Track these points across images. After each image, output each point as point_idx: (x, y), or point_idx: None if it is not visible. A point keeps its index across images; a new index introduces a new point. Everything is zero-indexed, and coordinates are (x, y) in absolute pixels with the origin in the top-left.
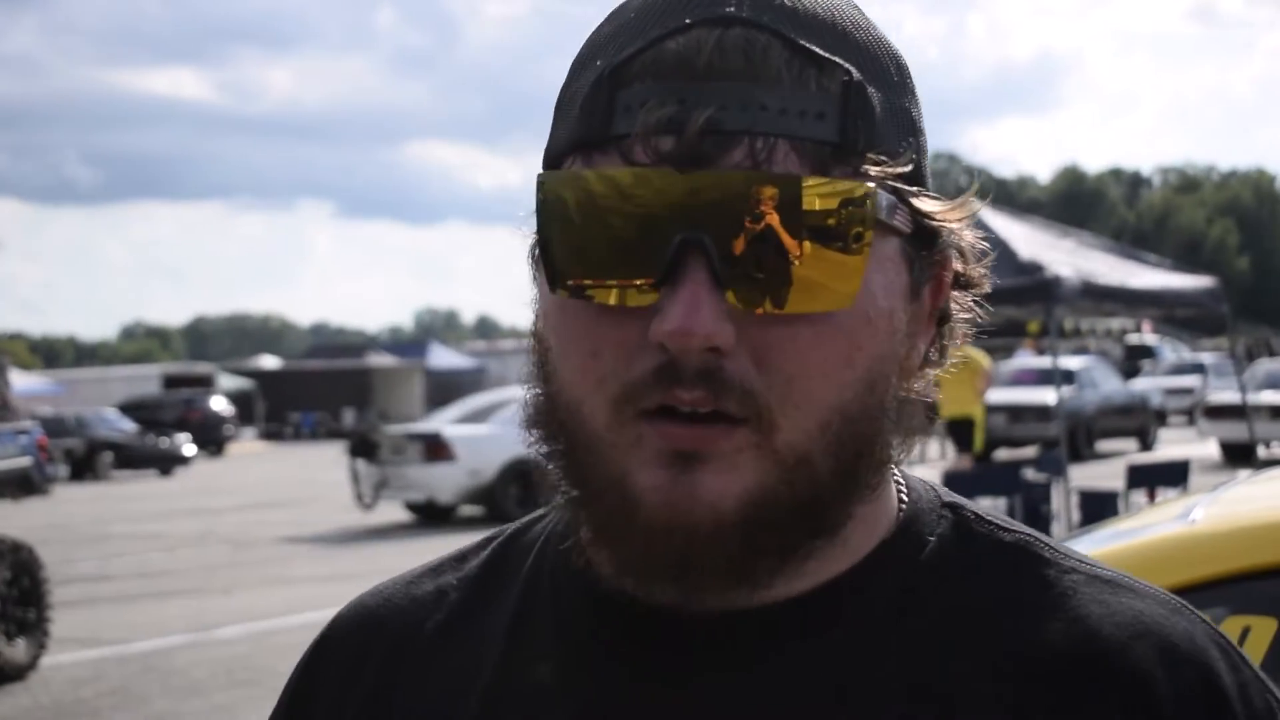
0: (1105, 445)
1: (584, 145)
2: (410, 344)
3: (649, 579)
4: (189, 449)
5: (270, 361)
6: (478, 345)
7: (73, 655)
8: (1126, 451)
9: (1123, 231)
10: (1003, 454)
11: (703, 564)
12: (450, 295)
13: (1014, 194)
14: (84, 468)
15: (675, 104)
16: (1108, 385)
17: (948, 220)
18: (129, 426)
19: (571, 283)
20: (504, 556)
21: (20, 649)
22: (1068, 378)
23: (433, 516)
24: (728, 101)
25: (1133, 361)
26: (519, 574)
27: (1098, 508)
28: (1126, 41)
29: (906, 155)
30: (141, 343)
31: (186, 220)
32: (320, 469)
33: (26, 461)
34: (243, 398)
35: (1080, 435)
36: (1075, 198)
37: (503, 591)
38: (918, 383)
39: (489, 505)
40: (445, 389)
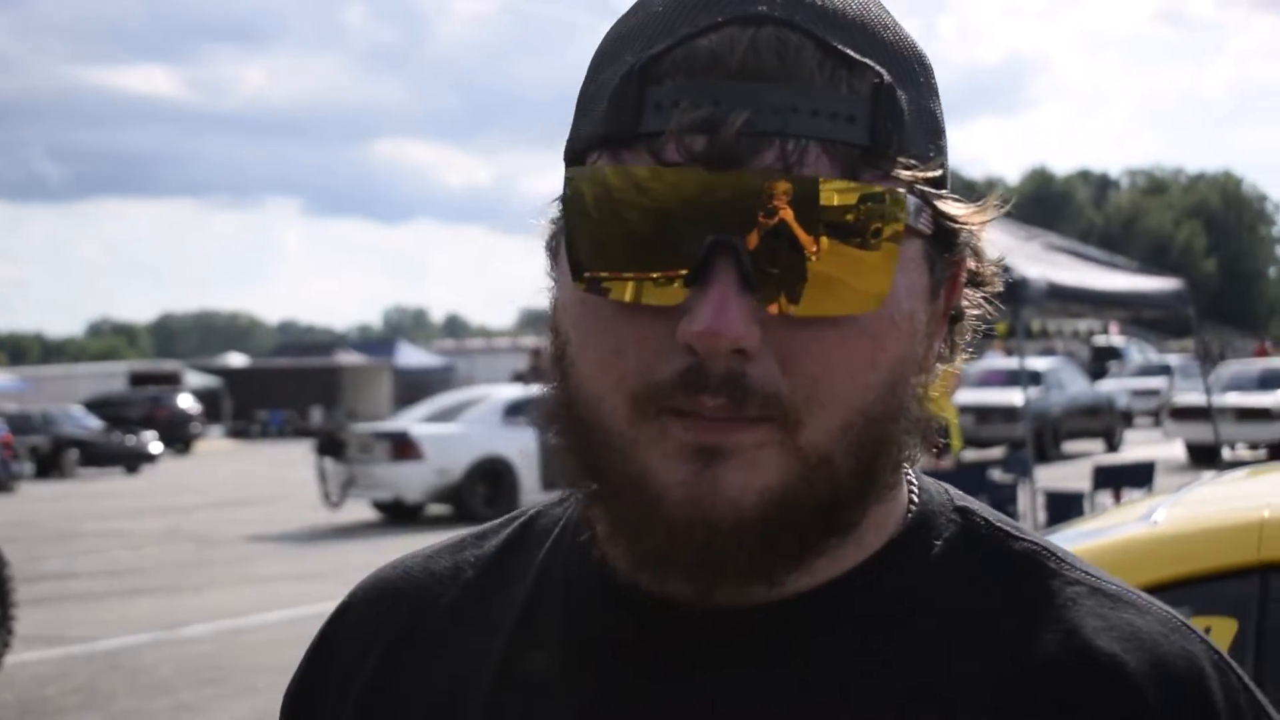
0: (1071, 446)
1: (611, 141)
2: (378, 342)
3: (668, 573)
4: (156, 447)
5: (238, 359)
6: (446, 344)
7: (38, 653)
8: (1093, 452)
9: (1090, 233)
10: (970, 455)
11: (722, 559)
12: (419, 294)
13: (983, 195)
14: (49, 465)
15: (710, 104)
16: (1074, 386)
17: (971, 223)
18: (95, 424)
19: (596, 277)
20: (520, 540)
21: None
22: (1034, 379)
23: (400, 515)
24: (761, 103)
25: (1100, 363)
26: (533, 560)
27: (1064, 508)
28: (1095, 44)
29: (936, 161)
30: (108, 340)
31: (156, 217)
32: (288, 467)
33: None
34: (210, 395)
35: (1047, 436)
36: (1044, 199)
37: (515, 577)
38: (929, 380)
39: (456, 504)
40: (413, 388)
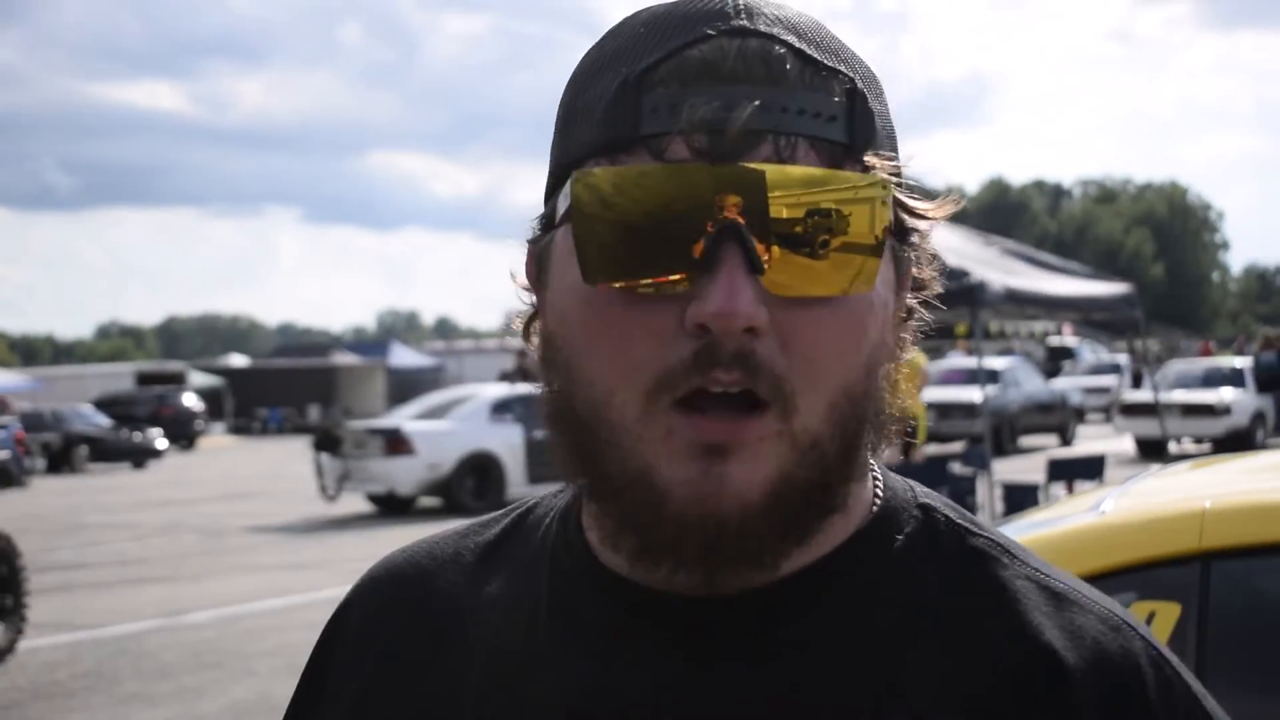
0: (1027, 441)
1: (610, 147)
2: (372, 344)
3: (674, 566)
4: (161, 443)
5: (239, 360)
6: (437, 345)
7: (49, 639)
8: (1047, 447)
9: (1045, 240)
10: (931, 449)
11: (728, 552)
12: (411, 298)
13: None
14: (60, 461)
15: (719, 103)
16: (1030, 384)
17: (933, 216)
18: (104, 421)
19: (606, 274)
20: (518, 529)
21: None
22: (992, 377)
23: (393, 508)
24: (760, 103)
25: (1054, 362)
26: (529, 548)
27: (1020, 499)
28: (1050, 61)
29: (899, 156)
30: (116, 342)
31: (160, 225)
32: (286, 462)
33: (5, 455)
34: (213, 394)
35: (1004, 431)
36: (1001, 208)
37: (511, 563)
38: (895, 375)
39: (446, 497)
40: (405, 387)
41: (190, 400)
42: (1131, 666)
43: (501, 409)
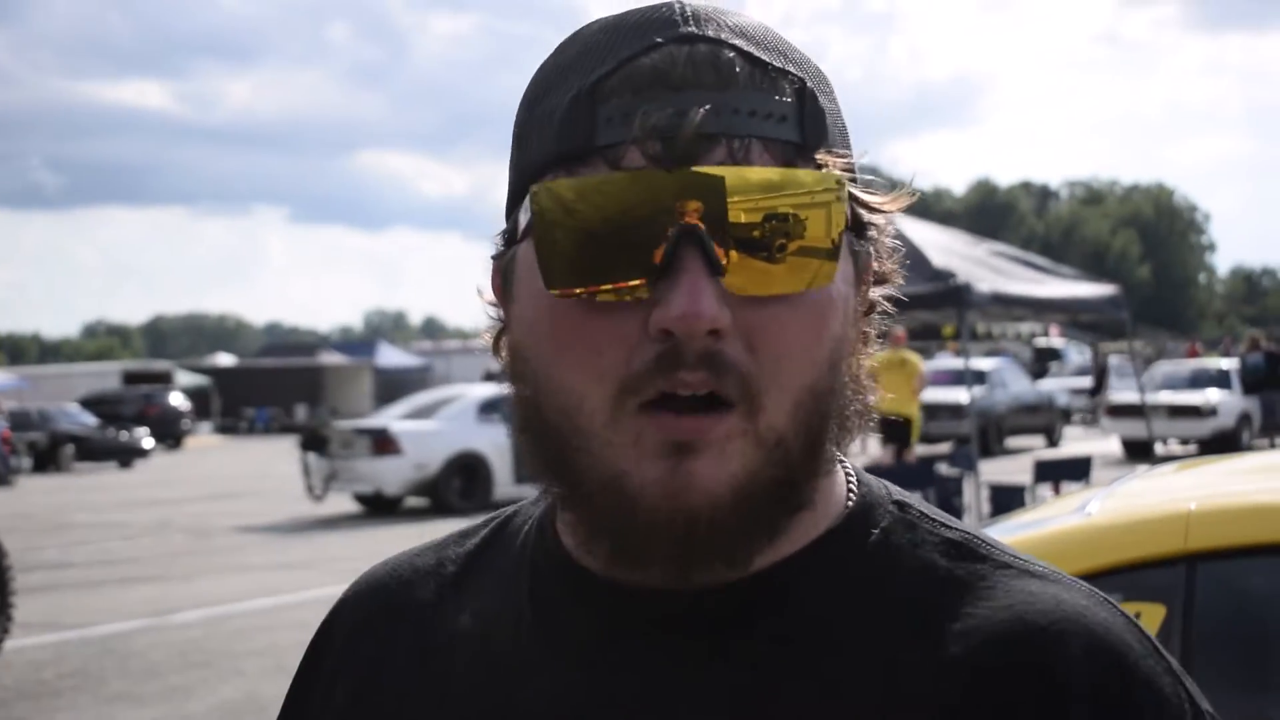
0: (1014, 442)
1: (567, 158)
2: (360, 343)
3: (647, 565)
4: (148, 442)
5: (226, 359)
6: (424, 345)
7: (35, 639)
8: (1034, 448)
9: (1032, 241)
10: (919, 449)
11: (701, 547)
12: (398, 297)
13: (931, 205)
14: (47, 460)
15: (670, 110)
16: (1017, 385)
17: (888, 210)
18: (90, 420)
19: (570, 285)
20: (497, 537)
21: None
22: (979, 378)
23: (380, 508)
24: (710, 107)
25: (1041, 363)
26: (508, 555)
27: (1007, 500)
28: (1037, 63)
29: (852, 152)
30: (103, 341)
31: (148, 224)
32: (273, 462)
33: None
34: (200, 394)
35: (991, 432)
36: (988, 209)
37: (491, 570)
38: (860, 371)
39: (433, 497)
40: (393, 387)
41: (177, 400)
42: (1117, 638)
43: (489, 409)
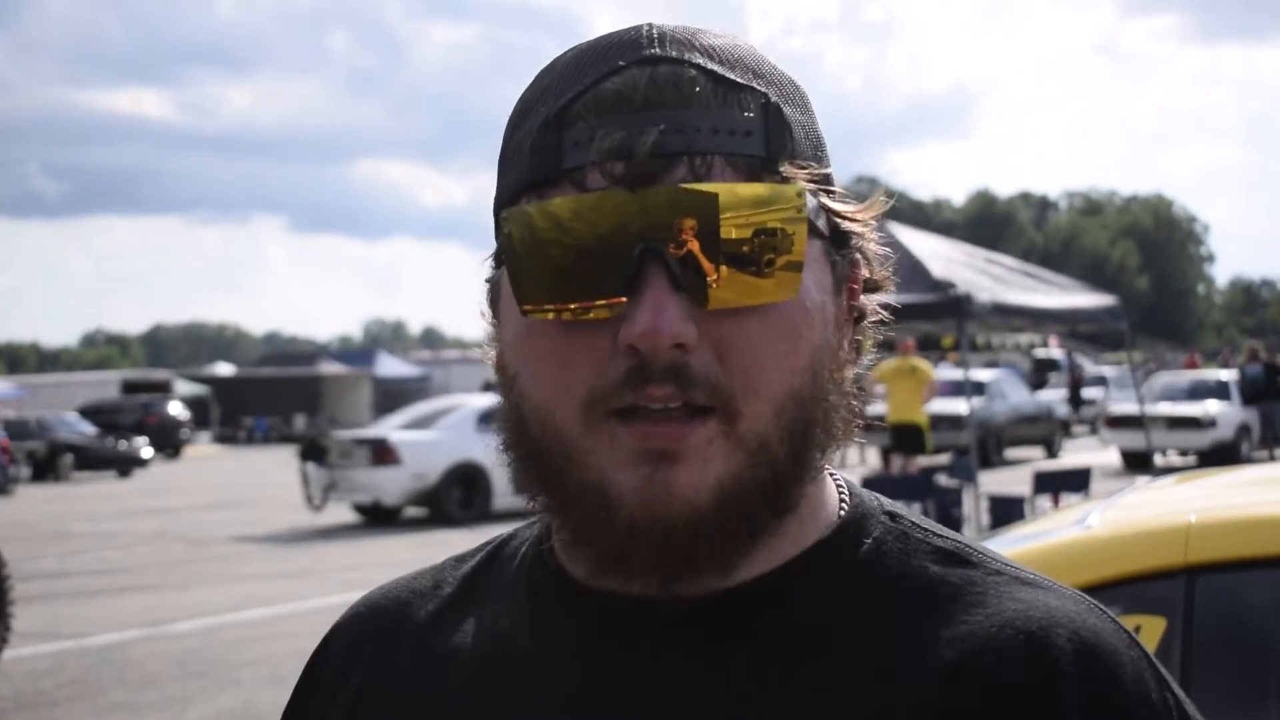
0: (1013, 453)
1: (536, 184)
2: (359, 353)
3: (630, 573)
4: (147, 452)
5: (225, 369)
6: (423, 355)
7: (33, 648)
8: (1033, 459)
9: (1031, 252)
10: (919, 460)
11: (682, 555)
12: (397, 307)
13: (930, 216)
14: (45, 469)
15: (623, 132)
16: (1016, 396)
17: (859, 219)
18: (89, 429)
19: (541, 305)
20: (496, 557)
21: None
22: (978, 389)
23: (379, 518)
24: (668, 126)
25: (1040, 374)
26: (506, 573)
27: (1006, 512)
28: (1036, 73)
29: (823, 163)
30: (102, 350)
31: (146, 233)
32: (272, 471)
33: None
34: (199, 403)
35: (990, 443)
36: (987, 220)
37: (490, 589)
38: (846, 377)
39: (433, 507)
40: (392, 396)
41: (176, 409)
42: (1108, 645)
43: (488, 419)
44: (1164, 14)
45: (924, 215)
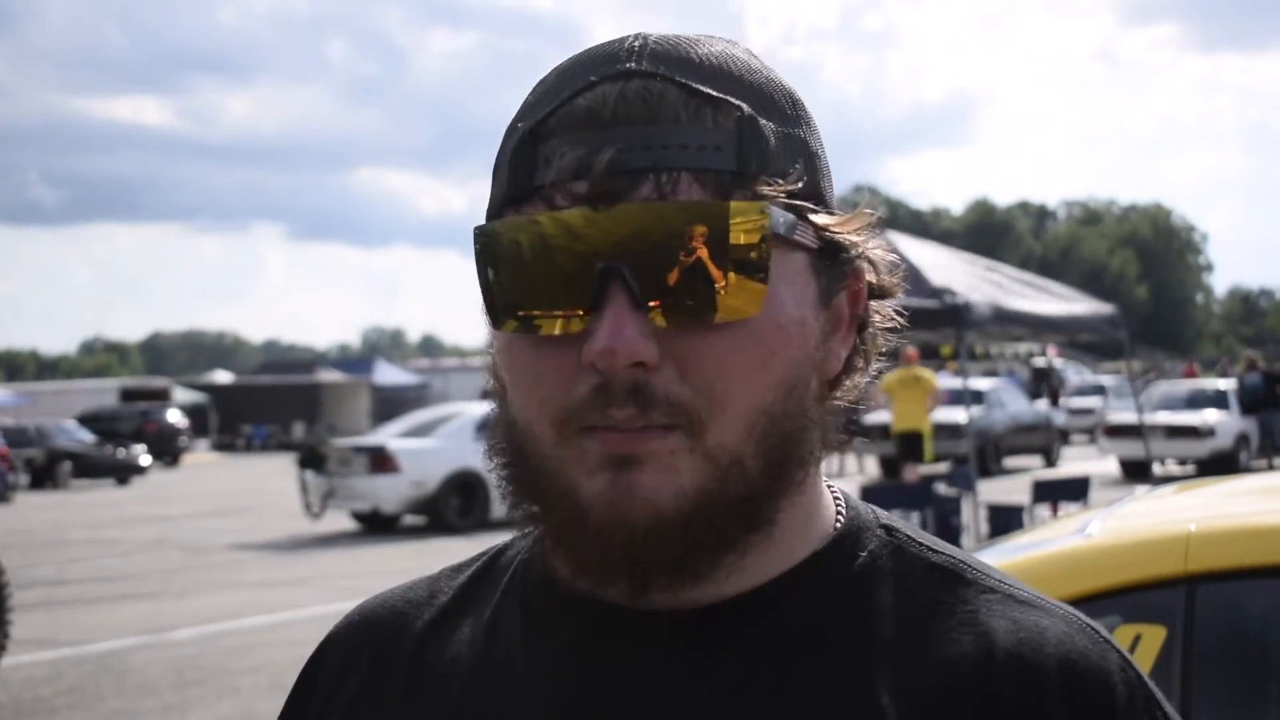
0: (1012, 462)
1: (514, 199)
2: (357, 361)
3: (602, 579)
4: (145, 459)
5: (224, 376)
6: (422, 363)
7: (32, 656)
8: (1032, 468)
9: (1030, 261)
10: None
11: (647, 560)
12: (396, 315)
13: (929, 225)
14: (44, 476)
15: (582, 150)
16: (1015, 405)
17: (843, 232)
18: (88, 437)
19: (511, 320)
20: (491, 567)
21: None
22: (977, 398)
23: (377, 526)
24: (632, 143)
25: (1039, 383)
26: (499, 583)
27: (1005, 521)
28: (1035, 81)
29: (796, 175)
30: (100, 357)
31: (145, 241)
32: (271, 479)
33: None
34: (197, 411)
35: (989, 452)
36: (986, 228)
37: (485, 598)
38: (845, 389)
39: (431, 515)
40: (391, 404)
41: (175, 416)
42: (1098, 667)
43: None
44: (1163, 23)
45: (922, 224)
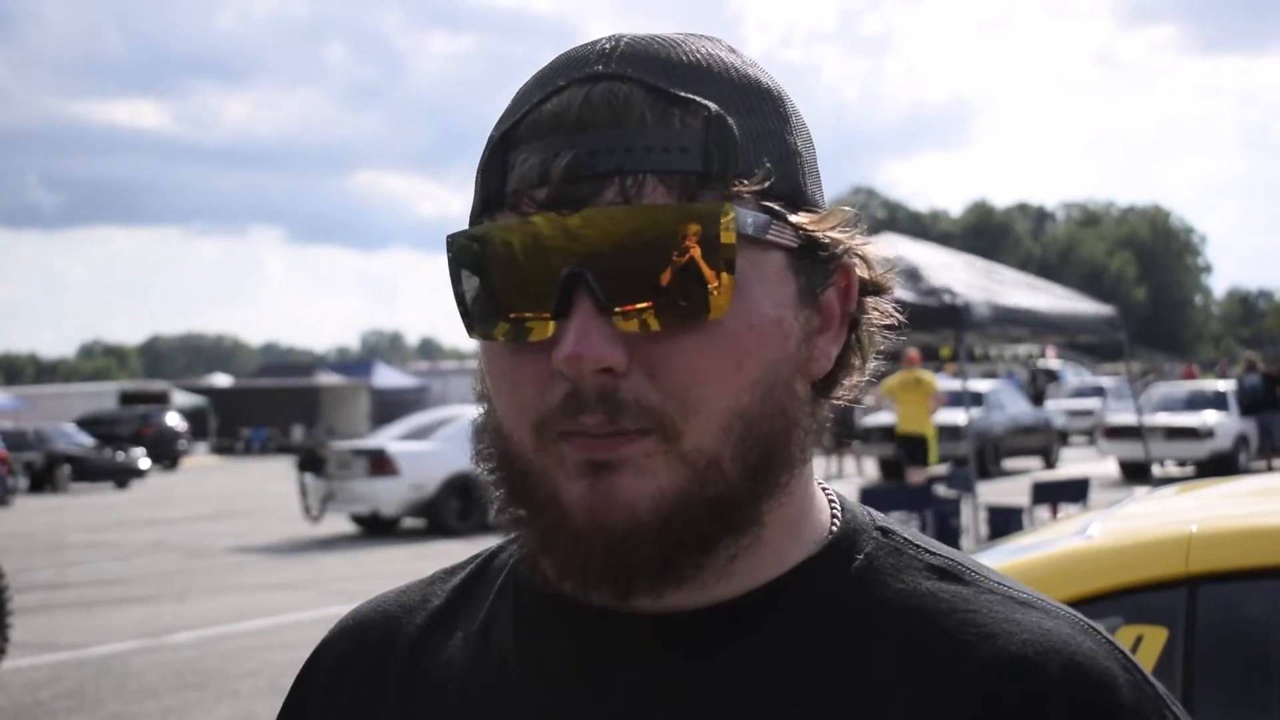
0: (1011, 463)
1: (487, 206)
2: (356, 364)
3: (584, 582)
4: (144, 462)
5: (223, 379)
6: (421, 366)
7: (31, 659)
8: (1031, 469)
9: (1029, 262)
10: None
11: (629, 563)
12: (395, 317)
13: (928, 227)
14: (43, 480)
15: (541, 156)
16: (1014, 407)
17: (821, 229)
18: (87, 441)
19: (483, 327)
20: (485, 570)
21: None
22: (977, 400)
23: (377, 528)
24: (596, 147)
25: (1038, 385)
26: (492, 586)
27: (1004, 522)
28: (1033, 83)
29: (766, 173)
30: (99, 360)
31: (144, 244)
32: (270, 482)
33: None
34: (196, 414)
35: (988, 454)
36: (985, 230)
37: (477, 600)
38: (842, 389)
39: (430, 518)
40: (390, 407)
41: (174, 420)
42: (1102, 667)
43: None
44: (1163, 25)
45: (921, 226)
